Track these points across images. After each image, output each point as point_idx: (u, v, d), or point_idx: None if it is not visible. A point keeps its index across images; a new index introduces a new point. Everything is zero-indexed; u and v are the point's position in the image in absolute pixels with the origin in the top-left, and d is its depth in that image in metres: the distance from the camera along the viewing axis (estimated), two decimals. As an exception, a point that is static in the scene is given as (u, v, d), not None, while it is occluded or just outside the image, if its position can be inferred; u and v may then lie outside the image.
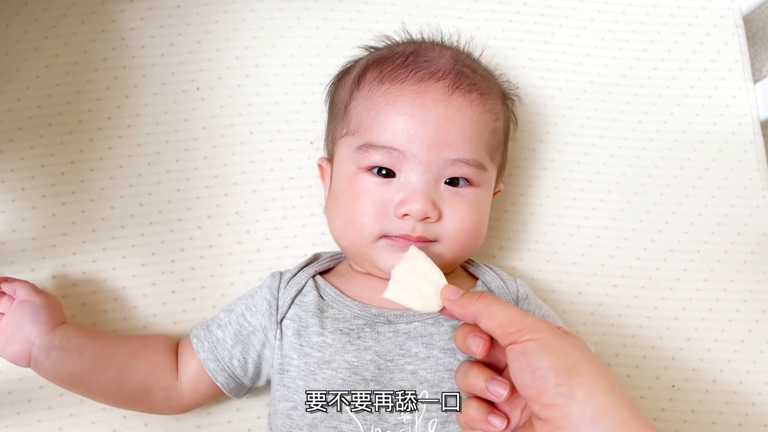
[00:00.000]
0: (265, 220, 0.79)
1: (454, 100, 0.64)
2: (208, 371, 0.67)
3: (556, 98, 0.86)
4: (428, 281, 0.59)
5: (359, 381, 0.62)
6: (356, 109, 0.67)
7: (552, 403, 0.48)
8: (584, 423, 0.47)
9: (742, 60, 0.89)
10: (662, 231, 0.83)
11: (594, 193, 0.83)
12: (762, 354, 0.80)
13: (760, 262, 0.83)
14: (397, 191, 0.63)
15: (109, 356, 0.67)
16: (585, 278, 0.81)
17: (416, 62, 0.66)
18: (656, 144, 0.86)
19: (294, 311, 0.66)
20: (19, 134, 0.78)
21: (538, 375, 0.49)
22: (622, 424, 0.47)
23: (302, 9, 0.85)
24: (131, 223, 0.77)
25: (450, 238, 0.64)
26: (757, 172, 0.85)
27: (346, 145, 0.67)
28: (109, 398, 0.68)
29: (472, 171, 0.64)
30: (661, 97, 0.87)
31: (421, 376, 0.62)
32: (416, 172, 0.63)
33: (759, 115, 0.87)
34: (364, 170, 0.64)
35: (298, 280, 0.68)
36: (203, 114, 0.81)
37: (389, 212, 0.63)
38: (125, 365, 0.67)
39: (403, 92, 0.64)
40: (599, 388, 0.49)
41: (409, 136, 0.63)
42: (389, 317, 0.64)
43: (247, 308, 0.68)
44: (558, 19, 0.88)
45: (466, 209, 0.64)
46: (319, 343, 0.64)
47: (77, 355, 0.65)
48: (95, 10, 0.81)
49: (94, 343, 0.67)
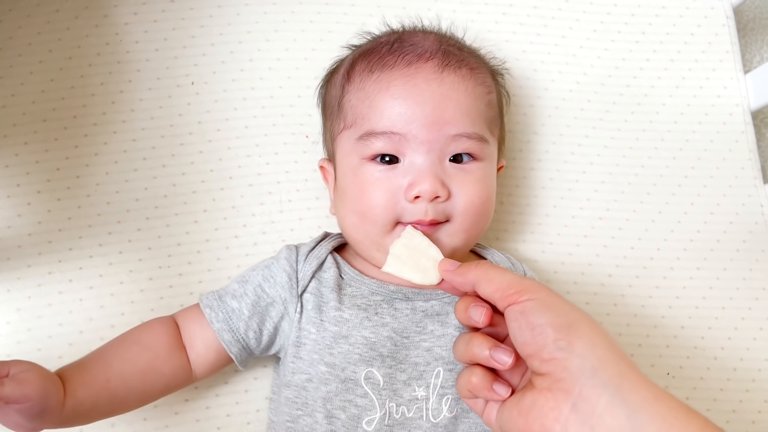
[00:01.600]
0: (261, 214, 0.79)
1: (446, 77, 0.65)
2: (223, 342, 0.66)
3: (549, 90, 0.86)
4: (426, 256, 0.60)
5: (376, 357, 0.63)
6: (350, 102, 0.67)
7: (551, 357, 0.49)
8: (584, 375, 0.48)
9: (732, 51, 0.90)
10: (655, 221, 0.84)
11: (588, 183, 0.84)
12: (755, 341, 0.81)
13: (752, 251, 0.84)
14: (404, 175, 0.63)
15: (120, 386, 0.61)
16: (580, 268, 0.82)
17: (402, 47, 0.67)
18: (648, 135, 0.86)
19: (314, 285, 0.66)
20: (14, 130, 0.77)
21: (537, 332, 0.50)
22: (621, 375, 0.48)
23: (296, 3, 0.85)
24: (127, 219, 0.77)
25: (460, 216, 0.64)
26: (748, 161, 0.86)
27: (346, 139, 0.67)
28: (136, 407, 0.65)
29: (475, 144, 0.65)
30: (652, 88, 0.88)
31: (437, 353, 0.63)
32: (419, 152, 0.63)
33: (750, 105, 0.88)
34: (367, 160, 0.65)
35: (318, 254, 0.68)
36: (198, 108, 0.81)
37: (400, 198, 0.63)
38: (137, 379, 0.62)
39: (394, 77, 0.65)
40: (598, 342, 0.49)
41: (407, 118, 0.63)
42: (407, 294, 0.65)
43: (265, 279, 0.67)
44: (550, 11, 0.88)
45: (474, 185, 0.64)
46: (336, 317, 0.64)
47: (92, 407, 0.59)
48: (88, 5, 0.81)
49: (103, 383, 0.60)
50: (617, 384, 0.47)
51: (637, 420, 0.46)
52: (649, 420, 0.45)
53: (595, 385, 0.47)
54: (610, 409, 0.46)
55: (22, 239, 0.75)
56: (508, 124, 0.80)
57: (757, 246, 0.84)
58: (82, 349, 0.73)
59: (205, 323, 0.66)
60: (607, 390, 0.47)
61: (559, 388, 0.48)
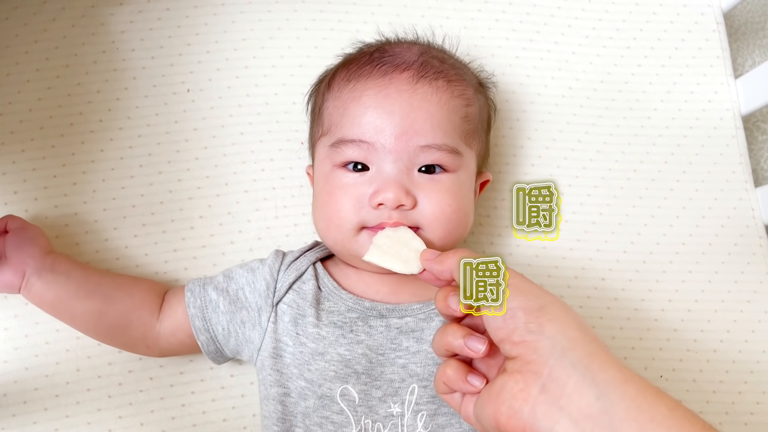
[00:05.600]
0: (257, 220, 0.80)
1: (419, 88, 0.65)
2: (193, 328, 0.68)
3: (542, 96, 0.87)
4: (408, 247, 0.60)
5: (351, 374, 0.63)
6: (327, 109, 0.69)
7: (522, 340, 0.49)
8: (553, 356, 0.48)
9: (723, 56, 0.90)
10: (648, 225, 0.85)
11: (581, 188, 0.85)
12: (747, 343, 0.82)
13: (743, 254, 0.84)
14: (370, 183, 0.64)
15: (94, 284, 0.69)
16: (573, 272, 0.83)
17: (381, 57, 0.68)
18: (641, 140, 0.87)
19: (292, 297, 0.67)
20: (11, 138, 0.78)
21: (508, 315, 0.50)
22: (591, 355, 0.48)
23: (291, 11, 0.85)
24: (124, 225, 0.78)
25: (431, 224, 0.64)
26: (739, 165, 0.87)
27: (322, 146, 0.69)
28: (88, 326, 0.69)
29: (445, 156, 0.65)
30: (644, 93, 0.89)
31: (412, 369, 0.64)
32: (387, 161, 0.64)
33: (740, 109, 0.89)
34: (339, 167, 0.66)
35: (299, 266, 0.69)
36: (194, 116, 0.81)
37: (365, 204, 0.64)
38: (108, 295, 0.69)
39: (368, 86, 0.66)
40: (568, 325, 0.49)
41: (375, 127, 0.64)
42: (381, 311, 0.66)
43: (248, 283, 0.69)
44: (543, 17, 0.89)
45: (443, 194, 0.65)
46: (314, 334, 0.65)
47: (64, 278, 0.68)
48: (85, 14, 0.82)
49: (82, 271, 0.70)
50: (587, 364, 0.47)
51: (607, 399, 0.46)
52: (619, 399, 0.45)
53: (564, 365, 0.47)
54: (579, 389, 0.46)
55: (20, 246, 0.76)
56: (500, 129, 0.81)
57: (748, 249, 0.84)
58: (79, 354, 0.74)
59: (185, 303, 0.69)
60: (576, 370, 0.47)
61: (528, 370, 0.48)
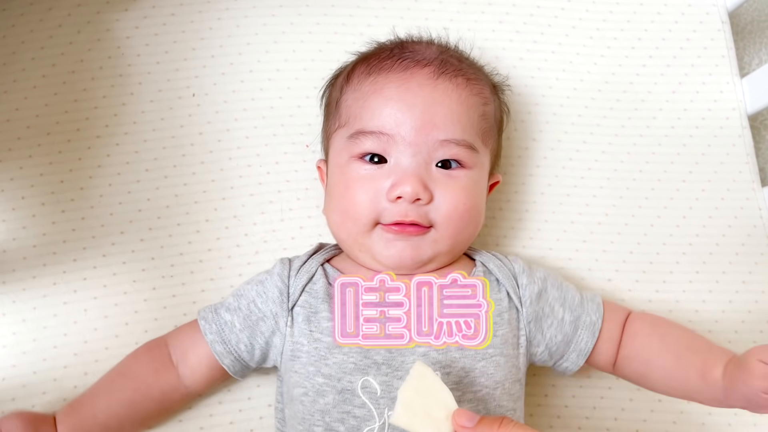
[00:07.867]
0: (263, 223, 0.80)
1: (440, 83, 0.66)
2: (215, 353, 0.68)
3: (546, 97, 0.87)
4: (439, 403, 0.55)
5: (371, 365, 0.63)
6: (346, 102, 0.69)
7: None
8: None
9: (728, 55, 0.90)
10: (654, 225, 0.84)
11: (586, 189, 0.85)
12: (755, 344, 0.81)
13: (750, 254, 0.84)
14: (388, 176, 0.64)
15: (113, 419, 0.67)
16: (580, 273, 0.82)
17: (402, 53, 0.69)
18: (646, 140, 0.87)
19: (305, 298, 0.67)
20: (18, 144, 0.79)
21: None
22: None
23: (295, 15, 0.86)
24: (130, 229, 0.78)
25: (444, 222, 0.64)
26: (745, 165, 0.87)
27: (339, 137, 0.69)
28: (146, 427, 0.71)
29: (463, 152, 0.66)
30: (649, 93, 0.88)
31: (433, 357, 0.63)
32: (406, 154, 0.64)
33: (746, 109, 0.88)
34: (356, 158, 0.66)
35: (309, 268, 0.69)
36: (199, 120, 0.82)
37: (382, 198, 0.64)
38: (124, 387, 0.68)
39: (389, 80, 0.66)
40: None
41: (396, 119, 0.64)
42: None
43: (258, 295, 0.69)
44: (547, 19, 0.89)
45: (459, 191, 0.65)
46: (329, 327, 0.64)
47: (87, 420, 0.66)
48: (91, 20, 0.82)
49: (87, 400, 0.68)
50: None
51: None
52: None
53: None
54: None
55: (27, 251, 0.76)
56: (505, 131, 0.81)
57: (755, 249, 0.84)
58: (86, 359, 0.74)
59: (198, 337, 0.68)
60: None
61: None
